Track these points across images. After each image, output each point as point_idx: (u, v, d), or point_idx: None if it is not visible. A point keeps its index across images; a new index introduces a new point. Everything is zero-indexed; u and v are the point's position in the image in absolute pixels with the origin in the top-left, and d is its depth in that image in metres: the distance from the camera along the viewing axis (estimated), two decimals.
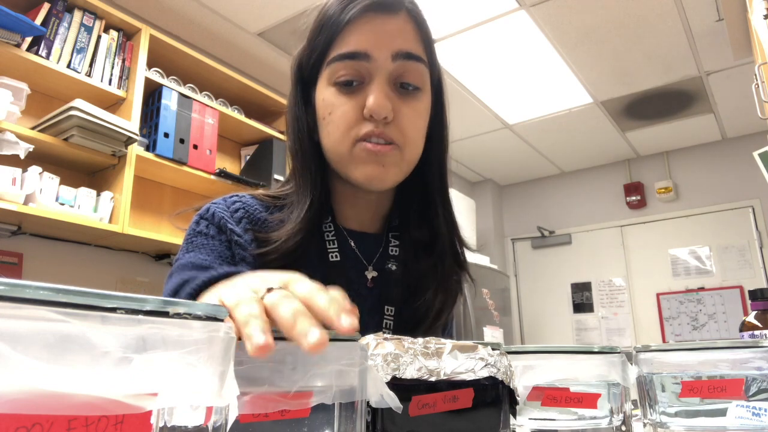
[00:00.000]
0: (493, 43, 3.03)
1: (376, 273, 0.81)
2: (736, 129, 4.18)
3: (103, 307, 0.21)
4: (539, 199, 5.08)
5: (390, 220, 0.86)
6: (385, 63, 0.72)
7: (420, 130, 0.77)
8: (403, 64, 0.73)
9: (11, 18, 1.91)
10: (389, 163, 0.73)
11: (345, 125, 0.72)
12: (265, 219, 0.78)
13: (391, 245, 0.84)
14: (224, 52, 3.05)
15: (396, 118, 0.72)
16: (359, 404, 0.35)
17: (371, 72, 0.72)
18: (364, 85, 0.73)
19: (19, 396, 0.18)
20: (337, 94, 0.73)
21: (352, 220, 0.83)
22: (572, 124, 4.04)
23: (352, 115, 0.72)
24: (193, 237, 0.76)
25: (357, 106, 0.72)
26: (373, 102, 0.70)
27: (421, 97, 0.76)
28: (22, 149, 1.95)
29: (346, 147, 0.73)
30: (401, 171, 0.76)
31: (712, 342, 0.51)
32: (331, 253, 0.78)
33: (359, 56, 0.71)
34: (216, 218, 0.77)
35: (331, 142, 0.74)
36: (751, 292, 0.90)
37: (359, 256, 0.81)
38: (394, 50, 0.72)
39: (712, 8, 2.75)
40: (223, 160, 2.91)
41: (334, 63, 0.73)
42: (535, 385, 0.51)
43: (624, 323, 4.48)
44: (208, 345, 0.24)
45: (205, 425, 0.25)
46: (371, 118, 0.71)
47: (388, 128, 0.72)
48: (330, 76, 0.74)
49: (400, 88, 0.74)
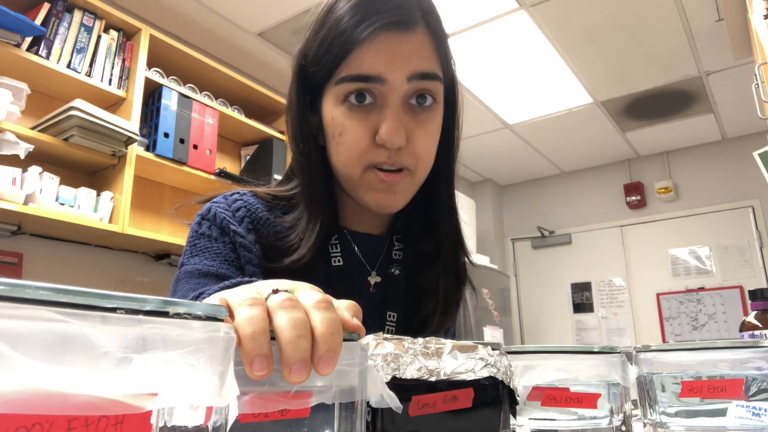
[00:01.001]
0: (493, 43, 3.02)
1: (379, 278, 0.80)
2: (736, 129, 4.18)
3: (103, 307, 0.21)
4: (539, 199, 5.08)
5: (395, 221, 0.85)
6: (401, 85, 0.69)
7: (432, 149, 0.75)
8: (419, 84, 0.70)
9: (11, 18, 1.91)
10: (400, 190, 0.72)
11: (357, 150, 0.70)
12: (268, 218, 0.77)
13: (395, 249, 0.83)
14: (224, 52, 3.05)
15: (409, 142, 0.70)
16: (359, 404, 0.35)
17: (385, 94, 0.69)
18: (376, 105, 0.70)
19: (19, 396, 0.18)
20: (348, 114, 0.70)
21: (356, 222, 0.82)
22: (572, 124, 4.04)
23: (364, 140, 0.70)
24: (196, 240, 0.75)
25: (369, 129, 0.70)
26: (386, 132, 0.68)
27: (435, 114, 0.74)
28: (22, 149, 1.95)
29: (357, 171, 0.71)
30: (411, 193, 0.75)
31: (712, 342, 0.51)
32: (334, 257, 0.77)
33: (373, 79, 0.68)
34: (218, 219, 0.75)
35: (341, 164, 0.73)
36: (751, 292, 0.90)
37: (362, 260, 0.80)
38: (410, 72, 0.69)
39: (712, 8, 2.75)
40: (223, 160, 2.91)
41: (344, 83, 0.69)
42: (535, 385, 0.51)
43: (624, 323, 4.48)
44: (208, 345, 0.24)
45: (205, 425, 0.25)
46: (384, 146, 0.69)
47: (400, 154, 0.70)
48: (339, 93, 0.70)
49: (414, 104, 0.71)
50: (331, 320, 0.33)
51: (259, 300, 0.33)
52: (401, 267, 0.81)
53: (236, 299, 0.33)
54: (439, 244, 0.82)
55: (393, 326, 0.78)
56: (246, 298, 0.33)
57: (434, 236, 0.82)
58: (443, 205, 0.82)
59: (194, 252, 0.74)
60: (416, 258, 0.82)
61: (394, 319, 0.78)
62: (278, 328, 0.31)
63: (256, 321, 0.31)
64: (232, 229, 0.74)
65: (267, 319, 0.32)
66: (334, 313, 0.34)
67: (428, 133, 0.73)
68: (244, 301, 0.33)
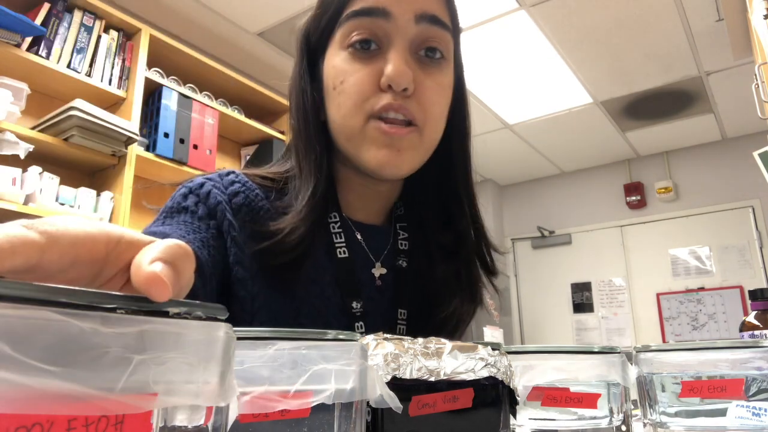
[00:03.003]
0: (493, 43, 3.03)
1: (384, 270, 0.71)
2: (736, 129, 4.18)
3: (103, 307, 0.21)
4: (539, 199, 5.08)
5: (394, 209, 0.76)
6: (407, 25, 0.62)
7: (443, 107, 0.67)
8: (428, 29, 0.63)
9: (11, 18, 1.91)
10: (406, 147, 0.64)
11: (359, 96, 0.63)
12: (267, 209, 0.67)
13: (400, 238, 0.74)
14: (224, 52, 3.05)
15: (417, 90, 0.63)
16: (359, 404, 0.35)
17: (390, 34, 0.63)
18: (381, 50, 0.63)
19: (19, 396, 0.18)
20: (351, 59, 0.64)
21: (359, 210, 0.73)
22: (572, 124, 4.04)
23: (368, 84, 0.63)
24: (176, 212, 0.63)
25: (373, 74, 0.63)
26: (392, 70, 0.61)
27: (445, 69, 0.67)
28: (22, 149, 1.95)
29: (359, 122, 0.63)
30: (419, 156, 0.66)
31: (712, 342, 0.51)
32: (339, 248, 0.68)
33: (377, 13, 0.62)
34: (211, 200, 0.64)
35: (341, 116, 0.64)
36: (751, 292, 0.90)
37: (367, 252, 0.72)
38: (418, 11, 0.63)
39: (712, 8, 2.75)
40: (223, 160, 2.91)
41: (348, 21, 0.63)
42: (535, 385, 0.51)
43: (624, 323, 4.48)
44: (208, 345, 0.24)
45: (205, 425, 0.25)
46: (389, 89, 0.62)
47: (407, 102, 0.63)
48: (343, 37, 0.64)
49: (422, 55, 0.65)
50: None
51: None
52: (408, 258, 0.73)
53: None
54: (460, 238, 0.74)
55: (404, 325, 0.70)
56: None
57: (454, 229, 0.74)
58: (461, 196, 0.74)
59: (166, 222, 0.62)
60: (429, 251, 0.73)
61: (405, 317, 0.70)
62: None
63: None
64: (227, 219, 0.63)
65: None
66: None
67: (438, 85, 0.66)
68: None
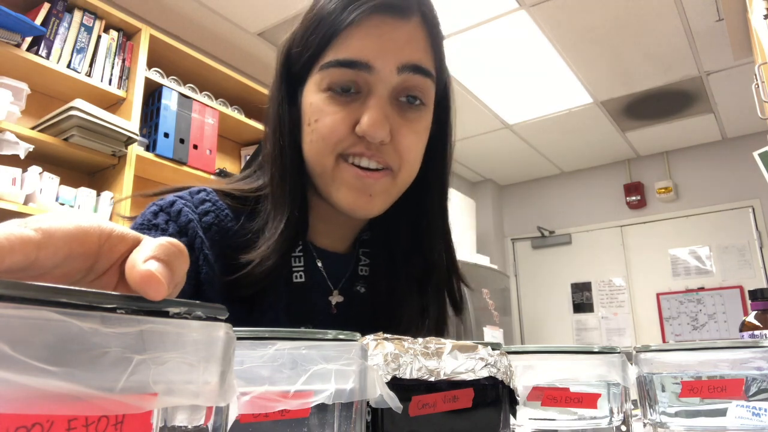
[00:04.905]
0: (493, 43, 3.02)
1: (341, 298, 0.71)
2: (736, 129, 4.18)
3: (103, 307, 0.21)
4: (539, 199, 5.08)
5: (360, 233, 0.76)
6: (389, 76, 0.62)
7: (419, 152, 0.68)
8: (410, 78, 0.63)
9: (11, 18, 1.91)
10: (378, 191, 0.64)
11: (332, 137, 0.62)
12: (236, 231, 0.67)
13: (361, 264, 0.75)
14: (224, 52, 3.05)
15: (394, 139, 0.63)
16: (359, 404, 0.35)
17: (371, 84, 0.62)
18: (361, 95, 0.63)
19: (19, 396, 0.18)
20: (329, 101, 0.63)
21: (324, 236, 0.73)
22: (572, 124, 4.04)
23: (343, 128, 0.62)
24: (146, 229, 0.63)
25: (349, 118, 0.62)
26: (368, 122, 0.60)
27: (424, 115, 0.67)
28: (22, 149, 1.95)
29: (330, 162, 0.63)
30: (390, 198, 0.67)
31: (712, 342, 0.51)
32: (296, 272, 0.68)
33: (360, 66, 0.61)
34: (181, 218, 0.64)
35: (313, 154, 0.64)
36: (751, 292, 0.90)
37: (326, 278, 0.72)
38: (401, 62, 0.62)
39: (712, 8, 2.75)
40: (223, 160, 2.91)
41: (329, 68, 0.62)
42: (535, 385, 0.51)
43: (624, 323, 4.48)
44: (208, 345, 0.24)
45: (205, 425, 0.25)
46: (364, 139, 0.62)
47: (382, 150, 0.63)
48: (322, 80, 0.63)
49: (403, 101, 0.65)
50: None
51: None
52: (367, 284, 0.73)
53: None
54: (430, 269, 0.73)
55: None
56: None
57: (423, 256, 0.73)
58: (436, 226, 0.73)
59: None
60: (396, 276, 0.73)
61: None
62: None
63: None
64: (199, 236, 0.63)
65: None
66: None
67: (415, 133, 0.66)
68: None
